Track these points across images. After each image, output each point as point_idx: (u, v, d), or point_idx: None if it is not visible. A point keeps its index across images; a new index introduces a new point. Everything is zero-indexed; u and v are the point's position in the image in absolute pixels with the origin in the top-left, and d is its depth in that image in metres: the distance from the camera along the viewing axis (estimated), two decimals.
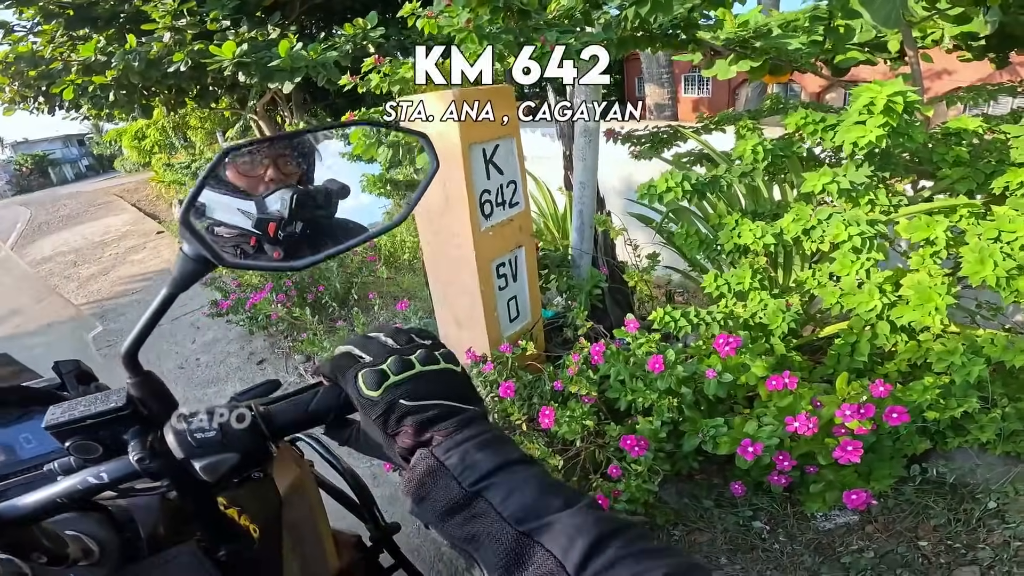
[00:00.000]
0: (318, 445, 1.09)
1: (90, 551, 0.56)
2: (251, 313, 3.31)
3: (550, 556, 0.37)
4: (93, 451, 0.53)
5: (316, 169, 0.63)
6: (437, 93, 1.77)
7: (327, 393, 0.58)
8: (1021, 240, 1.28)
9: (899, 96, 1.24)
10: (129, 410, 0.53)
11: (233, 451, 0.51)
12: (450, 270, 2.03)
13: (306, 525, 0.86)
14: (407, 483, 0.43)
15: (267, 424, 0.55)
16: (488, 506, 0.40)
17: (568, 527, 0.38)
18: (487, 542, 0.39)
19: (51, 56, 6.75)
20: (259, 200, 0.59)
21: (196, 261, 0.50)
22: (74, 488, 0.50)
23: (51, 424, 0.51)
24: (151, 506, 0.65)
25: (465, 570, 1.86)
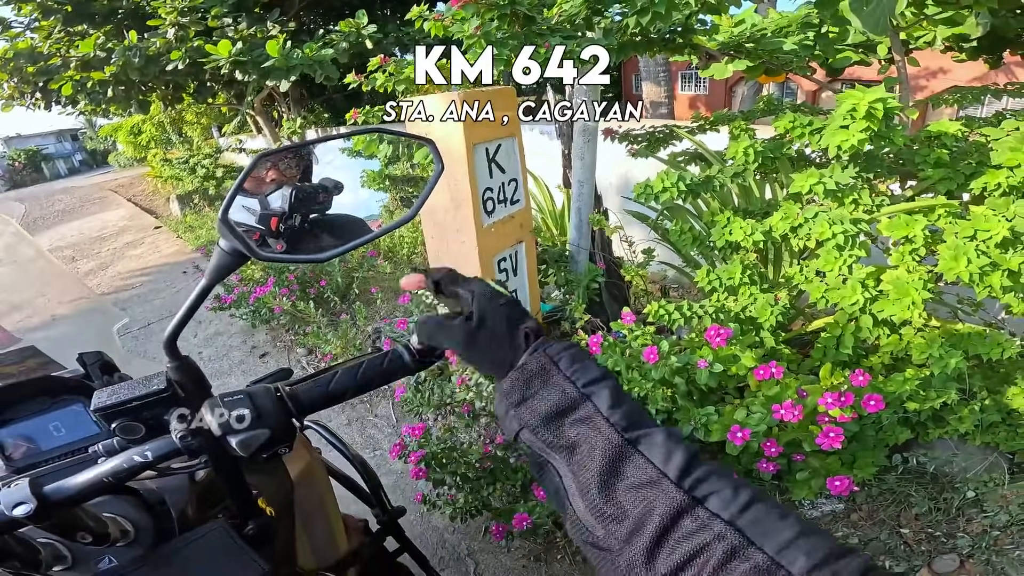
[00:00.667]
0: (327, 433, 1.13)
1: (126, 531, 0.61)
2: (254, 307, 3.35)
3: (650, 464, 0.38)
4: (136, 432, 0.58)
5: (313, 169, 0.69)
6: (441, 94, 1.83)
7: (345, 374, 0.65)
8: (996, 238, 1.36)
9: (879, 103, 1.32)
10: (169, 392, 0.58)
11: (265, 427, 0.56)
12: (454, 265, 2.09)
13: (316, 509, 0.90)
14: (512, 383, 0.44)
15: (293, 402, 0.61)
16: (595, 410, 0.41)
17: (665, 441, 0.39)
18: (587, 447, 0.40)
19: (49, 52, 6.72)
20: (262, 198, 0.63)
21: (231, 255, 0.56)
22: (120, 467, 0.53)
23: (99, 407, 0.56)
24: (181, 488, 0.69)
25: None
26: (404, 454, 1.71)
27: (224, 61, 5.28)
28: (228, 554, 0.59)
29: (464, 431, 2.15)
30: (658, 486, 0.38)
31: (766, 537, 0.34)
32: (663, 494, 0.37)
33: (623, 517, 0.38)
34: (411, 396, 2.32)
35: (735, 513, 0.35)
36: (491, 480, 1.74)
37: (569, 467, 0.41)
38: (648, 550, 0.36)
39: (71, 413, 0.76)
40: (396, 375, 0.69)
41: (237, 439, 0.54)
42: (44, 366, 0.92)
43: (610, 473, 0.39)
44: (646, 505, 0.37)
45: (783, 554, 0.33)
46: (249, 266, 3.79)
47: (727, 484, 0.37)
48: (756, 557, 0.33)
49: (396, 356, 0.69)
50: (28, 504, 0.47)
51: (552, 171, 3.83)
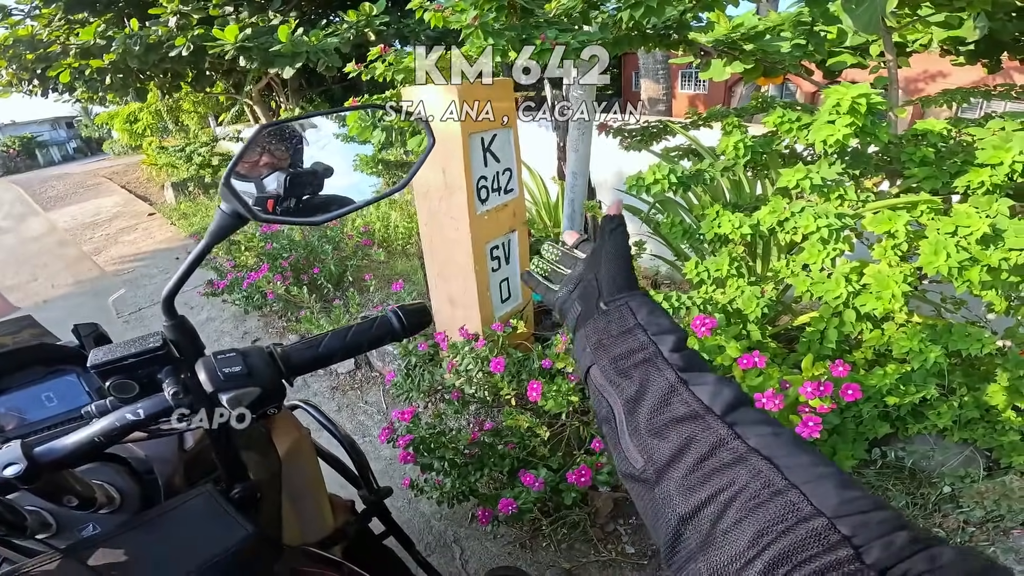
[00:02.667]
0: (317, 413, 1.13)
1: (112, 498, 0.62)
2: (247, 292, 3.36)
3: (697, 400, 0.41)
4: (130, 390, 0.58)
5: (304, 153, 0.71)
6: (440, 87, 1.84)
7: (334, 337, 0.68)
8: (976, 235, 1.39)
9: (863, 98, 1.34)
10: (164, 351, 0.58)
11: (256, 385, 0.58)
12: (447, 251, 2.11)
13: (303, 486, 0.91)
14: (594, 325, 0.50)
15: (284, 363, 0.63)
16: (658, 352, 0.45)
17: (716, 382, 0.43)
18: (645, 383, 0.44)
19: (49, 40, 6.69)
20: (257, 181, 0.65)
21: (232, 216, 0.58)
22: (112, 426, 0.53)
23: (95, 363, 0.56)
24: (169, 458, 0.70)
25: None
26: (393, 438, 1.73)
27: (230, 47, 5.27)
28: (214, 517, 0.60)
29: (453, 417, 2.17)
30: (702, 419, 0.40)
31: (804, 478, 0.35)
32: (705, 426, 0.39)
33: (665, 447, 0.40)
34: (401, 381, 2.34)
35: (776, 452, 0.37)
36: (478, 466, 1.75)
37: (625, 404, 0.44)
38: (684, 478, 0.38)
39: (64, 383, 0.76)
40: (384, 339, 0.72)
41: (228, 395, 0.56)
42: (39, 337, 0.91)
43: (660, 406, 0.42)
44: (688, 436, 0.39)
45: (817, 495, 0.33)
46: (243, 251, 3.80)
47: (772, 427, 0.39)
48: (790, 495, 0.34)
49: (385, 321, 0.72)
50: (18, 465, 0.48)
51: (547, 162, 3.86)
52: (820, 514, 0.32)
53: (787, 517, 0.33)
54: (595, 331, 0.50)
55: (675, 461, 0.39)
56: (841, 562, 0.30)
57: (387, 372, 2.48)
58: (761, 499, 0.34)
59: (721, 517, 0.35)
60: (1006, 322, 1.82)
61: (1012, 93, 2.33)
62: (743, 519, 0.34)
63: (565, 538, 1.82)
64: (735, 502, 0.35)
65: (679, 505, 0.37)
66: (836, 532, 0.31)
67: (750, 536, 0.33)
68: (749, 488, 0.35)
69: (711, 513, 0.36)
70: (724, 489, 0.36)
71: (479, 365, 1.94)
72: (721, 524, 0.35)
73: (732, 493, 0.35)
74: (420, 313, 0.75)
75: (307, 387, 2.89)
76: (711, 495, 0.36)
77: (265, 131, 0.64)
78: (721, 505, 0.35)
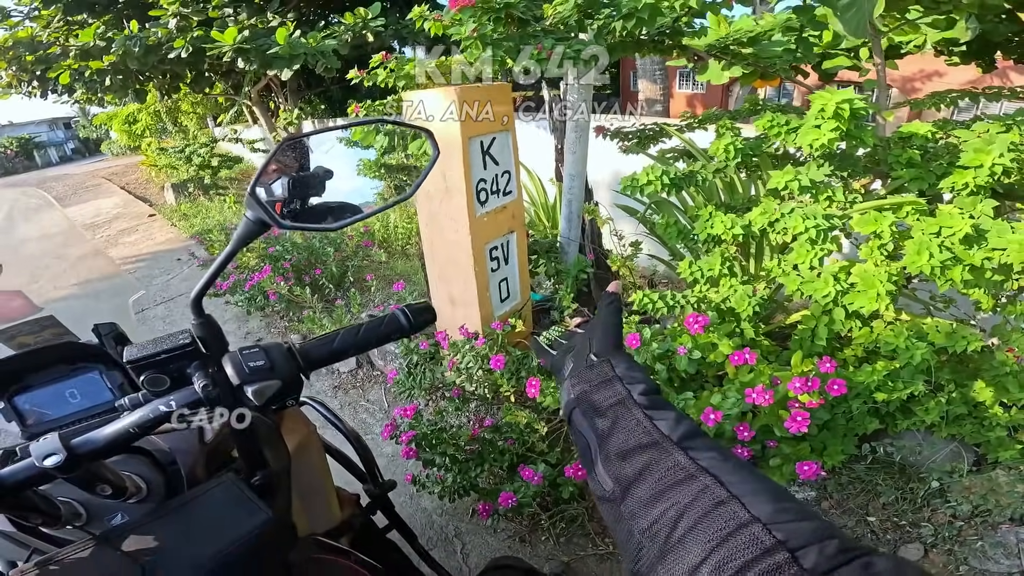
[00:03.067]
0: (324, 410, 1.17)
1: (140, 488, 0.65)
2: (249, 293, 3.40)
3: (658, 431, 0.48)
4: (162, 384, 0.62)
5: (310, 159, 0.76)
6: (440, 90, 1.89)
7: (347, 333, 0.73)
8: (959, 235, 1.43)
9: (846, 103, 1.39)
10: (193, 347, 0.63)
11: (277, 378, 0.62)
12: (447, 252, 2.15)
13: (312, 479, 0.95)
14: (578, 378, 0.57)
15: (302, 357, 0.68)
16: (629, 395, 0.52)
17: (676, 417, 0.49)
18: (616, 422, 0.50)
19: (49, 41, 6.71)
20: (267, 187, 0.69)
21: (256, 223, 0.62)
22: (146, 417, 0.56)
23: (131, 359, 0.60)
24: (191, 450, 0.74)
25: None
26: (396, 434, 1.77)
27: (228, 48, 5.30)
28: (236, 503, 0.63)
29: (454, 414, 2.21)
30: (660, 446, 0.46)
31: (744, 491, 0.39)
32: (663, 451, 0.46)
33: (629, 469, 0.46)
34: (403, 379, 2.37)
35: (721, 470, 0.42)
36: (479, 461, 1.78)
37: (599, 437, 0.51)
38: (644, 495, 0.43)
39: (88, 380, 0.79)
40: (393, 336, 0.77)
41: (253, 388, 0.60)
42: (61, 336, 0.94)
43: (628, 437, 0.48)
44: (649, 459, 0.45)
45: (755, 505, 0.38)
46: (245, 253, 3.84)
47: (720, 452, 0.45)
48: (732, 505, 0.38)
49: (393, 319, 0.77)
50: (58, 455, 0.50)
51: (545, 164, 3.90)
52: (756, 520, 0.36)
53: (728, 524, 0.37)
54: (580, 381, 0.56)
55: (637, 481, 0.45)
56: (780, 566, 0.33)
57: (388, 371, 2.53)
58: (706, 509, 0.39)
59: (674, 528, 0.40)
60: (995, 320, 1.86)
61: (1001, 94, 2.37)
62: (692, 528, 0.38)
63: (564, 532, 1.85)
64: (686, 513, 0.40)
65: (640, 519, 0.42)
66: (771, 536, 0.35)
67: (699, 544, 0.37)
68: (697, 501, 0.40)
69: (665, 524, 0.40)
70: (677, 503, 0.41)
71: (479, 363, 1.98)
72: (674, 534, 0.39)
73: (683, 506, 0.40)
74: (425, 311, 0.80)
75: (310, 386, 2.93)
76: (665, 508, 0.41)
77: (286, 144, 0.69)
78: (673, 517, 0.40)
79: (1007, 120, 1.74)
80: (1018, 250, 1.34)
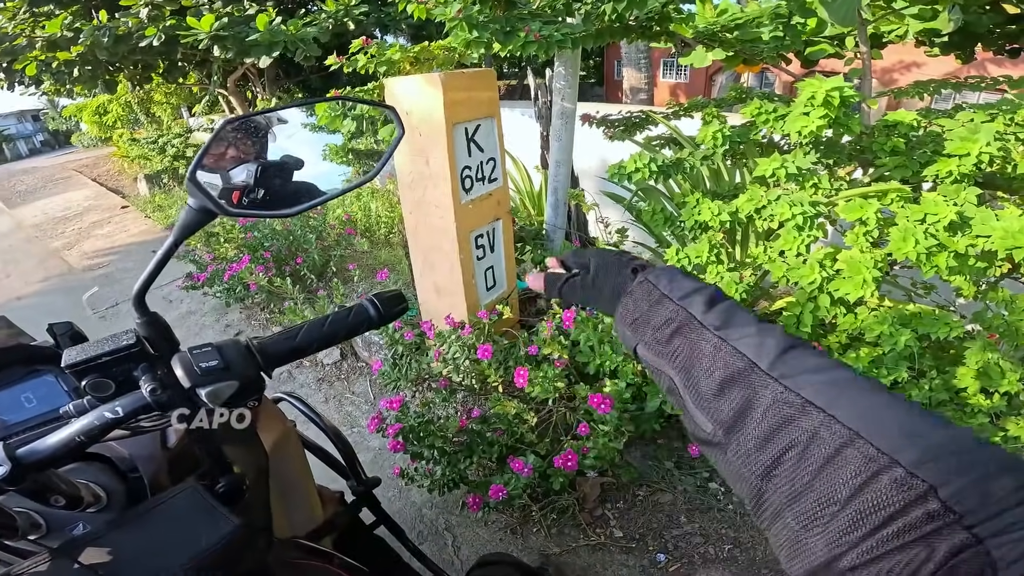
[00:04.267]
0: (302, 405, 1.13)
1: (98, 497, 0.61)
2: (228, 284, 3.32)
3: (742, 356, 0.40)
4: (106, 388, 0.58)
5: (270, 144, 0.72)
6: (423, 76, 1.85)
7: (311, 327, 0.69)
8: (943, 222, 1.45)
9: (836, 91, 1.39)
10: (139, 348, 0.58)
11: (233, 379, 0.58)
12: (431, 240, 2.12)
13: (291, 480, 0.91)
14: (624, 308, 0.51)
15: (261, 355, 0.63)
16: (690, 316, 0.45)
17: (758, 337, 0.41)
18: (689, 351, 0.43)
19: (15, 33, 6.47)
20: (223, 173, 0.65)
21: (199, 212, 0.58)
22: (91, 425, 0.53)
23: (70, 363, 0.56)
24: (152, 455, 0.70)
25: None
26: (382, 427, 1.74)
27: (204, 36, 5.16)
28: (200, 512, 0.60)
29: (441, 405, 2.19)
30: (749, 377, 0.39)
31: (868, 424, 0.33)
32: (758, 383, 0.38)
33: (726, 409, 0.39)
34: (388, 370, 2.34)
35: (833, 400, 0.35)
36: (468, 453, 1.77)
37: (677, 372, 0.44)
38: (750, 439, 0.37)
39: (43, 384, 0.75)
40: (361, 328, 0.73)
41: (206, 390, 0.56)
42: (15, 337, 0.88)
43: (710, 370, 0.41)
44: (744, 396, 0.39)
45: (887, 440, 0.32)
46: (222, 243, 3.75)
47: (822, 373, 0.37)
48: (858, 445, 0.32)
49: (362, 310, 0.73)
50: (3, 467, 0.48)
51: (530, 152, 3.88)
52: (894, 463, 0.30)
53: (861, 470, 0.31)
54: (627, 312, 0.50)
55: (739, 422, 0.38)
56: (933, 514, 0.28)
57: (373, 362, 2.49)
58: (829, 453, 0.33)
59: (796, 471, 0.34)
60: (975, 306, 1.88)
61: (982, 84, 2.40)
62: (818, 474, 0.33)
63: (555, 523, 1.84)
64: (805, 457, 0.34)
65: (753, 466, 0.37)
66: (919, 480, 0.29)
67: (831, 492, 0.32)
68: (816, 443, 0.34)
69: (786, 468, 0.35)
70: (793, 444, 0.35)
71: (466, 353, 1.96)
72: (797, 478, 0.34)
73: (801, 448, 0.34)
74: (396, 300, 0.75)
75: (293, 379, 2.88)
76: (780, 451, 0.35)
77: (230, 125, 0.64)
78: (794, 460, 0.34)
79: (990, 109, 1.76)
80: (1002, 237, 1.35)
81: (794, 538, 0.34)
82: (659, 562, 1.72)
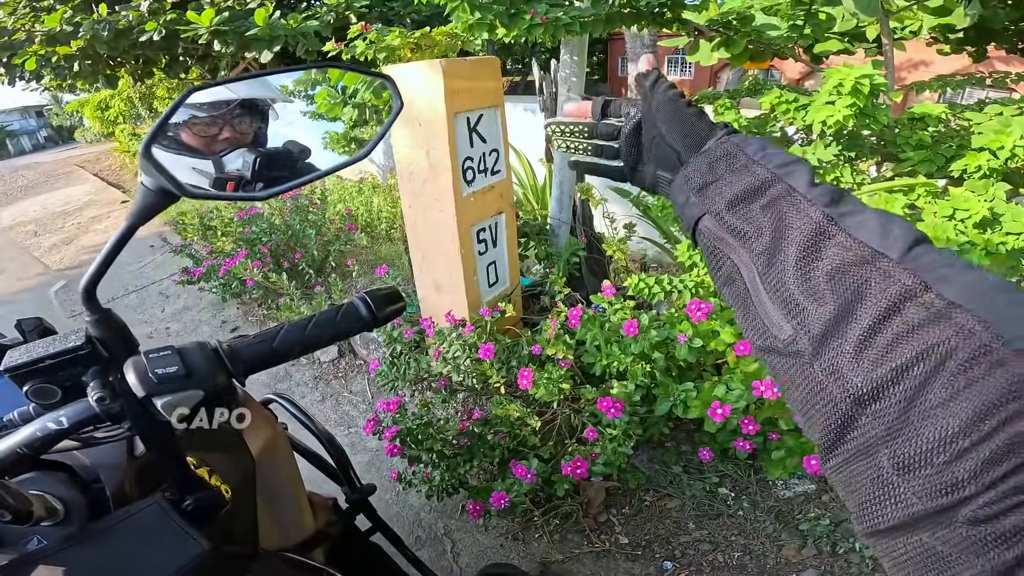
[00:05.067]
0: (293, 407, 1.07)
1: (54, 510, 0.55)
2: (224, 280, 3.27)
3: (859, 242, 0.32)
4: (52, 395, 0.52)
5: (271, 128, 0.64)
6: (424, 63, 1.79)
7: (291, 329, 0.61)
8: (974, 218, 1.37)
9: (866, 79, 1.31)
10: (88, 349, 0.51)
11: (197, 387, 0.51)
12: (432, 234, 2.07)
13: (280, 487, 0.86)
14: (695, 168, 0.41)
15: (232, 360, 0.56)
16: (790, 189, 0.36)
17: (879, 216, 0.33)
18: (780, 229, 0.35)
19: (14, 27, 6.46)
20: (216, 159, 0.59)
21: (157, 193, 0.50)
22: (34, 436, 0.48)
23: (9, 367, 0.50)
24: (117, 464, 0.63)
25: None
26: (379, 430, 1.68)
27: (204, 30, 5.12)
28: (165, 531, 0.55)
29: (441, 407, 2.13)
30: (872, 265, 0.30)
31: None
32: (880, 275, 0.30)
33: (824, 307, 0.31)
34: (386, 370, 2.28)
35: (989, 305, 0.27)
36: (468, 457, 1.72)
37: (755, 256, 0.35)
38: (857, 346, 0.29)
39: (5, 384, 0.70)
40: (352, 331, 0.65)
41: (163, 400, 0.49)
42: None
43: (809, 254, 0.33)
44: (856, 290, 0.30)
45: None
46: (219, 237, 3.70)
47: (973, 272, 0.29)
48: (1019, 364, 0.25)
49: (352, 309, 0.65)
50: None
51: (533, 146, 3.81)
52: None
53: (1020, 393, 0.24)
54: (697, 173, 0.40)
55: (841, 325, 0.30)
56: None
57: (372, 360, 2.42)
58: (979, 370, 0.25)
59: (918, 395, 0.26)
60: None
61: (1007, 81, 2.33)
62: (954, 397, 0.25)
63: (558, 529, 1.79)
64: (939, 374, 0.26)
65: (854, 383, 0.29)
66: None
67: (965, 418, 0.25)
68: (958, 355, 0.26)
69: (905, 391, 0.27)
70: (922, 358, 0.27)
71: (467, 352, 1.89)
72: (919, 404, 0.26)
73: (934, 363, 0.27)
74: (392, 298, 0.68)
75: (289, 377, 2.82)
76: (902, 367, 0.27)
77: (194, 93, 0.56)
78: (919, 379, 0.27)
79: (1021, 103, 1.69)
80: None
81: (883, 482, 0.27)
82: (666, 569, 1.67)
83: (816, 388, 0.30)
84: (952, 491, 0.24)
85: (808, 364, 0.31)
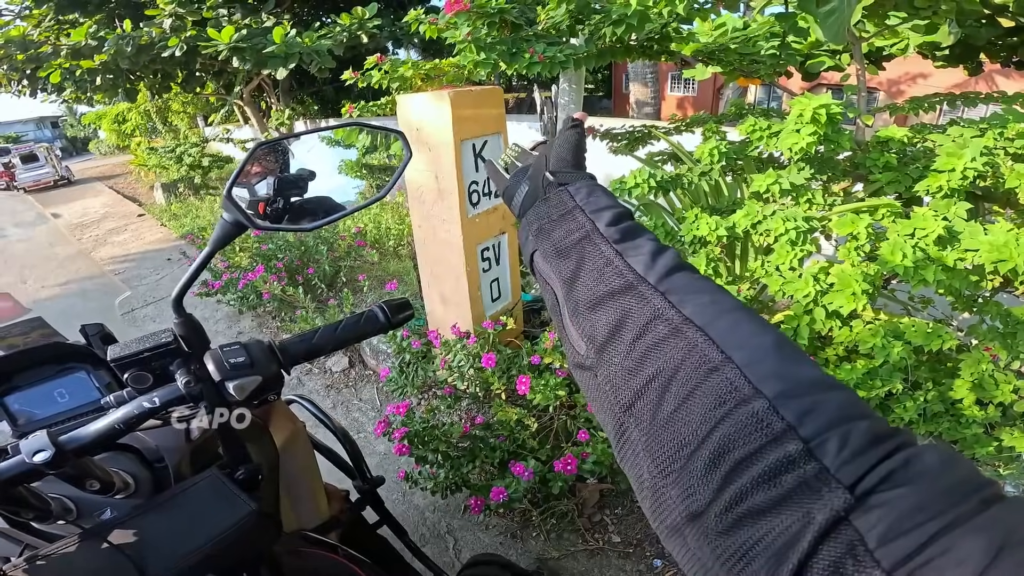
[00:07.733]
0: (312, 406, 1.19)
1: (127, 484, 0.67)
2: (242, 293, 3.41)
3: (631, 270, 0.37)
4: (145, 381, 0.65)
5: (291, 161, 0.76)
6: (433, 93, 1.92)
7: (326, 330, 0.76)
8: (932, 236, 1.49)
9: (823, 108, 1.44)
10: (175, 345, 0.65)
11: (258, 374, 0.65)
12: (439, 252, 2.19)
13: (299, 475, 0.96)
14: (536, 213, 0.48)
15: (282, 354, 0.71)
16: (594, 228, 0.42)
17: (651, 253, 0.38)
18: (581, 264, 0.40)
19: (40, 40, 6.67)
20: (250, 187, 0.71)
21: (233, 225, 0.64)
22: (131, 413, 0.58)
23: (115, 357, 0.62)
24: (177, 447, 0.76)
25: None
26: (388, 431, 1.79)
27: (223, 47, 5.31)
28: (220, 496, 0.65)
29: (446, 412, 2.24)
30: (635, 290, 0.36)
31: (742, 351, 0.30)
32: (639, 297, 0.35)
33: (601, 324, 0.36)
34: (396, 377, 2.40)
35: (712, 321, 0.32)
36: (470, 458, 1.81)
37: (563, 284, 0.41)
38: (623, 359, 0.34)
39: (75, 380, 0.80)
40: (371, 332, 0.80)
41: (234, 383, 0.62)
42: (49, 337, 0.93)
43: (595, 282, 0.38)
44: (623, 310, 0.35)
45: (756, 370, 0.28)
46: (237, 252, 3.84)
47: (711, 294, 0.35)
48: (727, 371, 0.29)
49: (372, 315, 0.80)
50: (47, 451, 0.52)
51: None
52: (759, 394, 0.27)
53: (725, 399, 0.28)
54: (537, 217, 0.47)
55: (612, 340, 0.35)
56: (793, 460, 0.25)
57: (381, 370, 2.55)
58: (697, 379, 0.29)
59: (660, 404, 0.30)
60: (973, 320, 1.91)
61: (980, 99, 2.43)
62: (682, 404, 0.29)
63: (554, 528, 1.88)
64: (672, 384, 0.30)
65: (621, 392, 0.33)
66: (779, 418, 0.26)
67: (690, 425, 0.28)
68: (685, 366, 0.30)
69: (650, 400, 0.31)
70: (661, 370, 0.31)
71: (471, 362, 2.01)
72: (660, 412, 0.30)
73: (668, 374, 0.31)
74: (403, 307, 0.82)
75: (302, 385, 2.94)
76: (649, 378, 0.32)
77: (261, 148, 0.71)
78: (659, 389, 0.31)
79: (981, 124, 1.80)
80: (989, 251, 1.39)
81: (652, 486, 0.30)
82: (655, 567, 1.75)
83: (601, 397, 0.35)
84: (691, 495, 0.27)
85: (595, 377, 0.36)
